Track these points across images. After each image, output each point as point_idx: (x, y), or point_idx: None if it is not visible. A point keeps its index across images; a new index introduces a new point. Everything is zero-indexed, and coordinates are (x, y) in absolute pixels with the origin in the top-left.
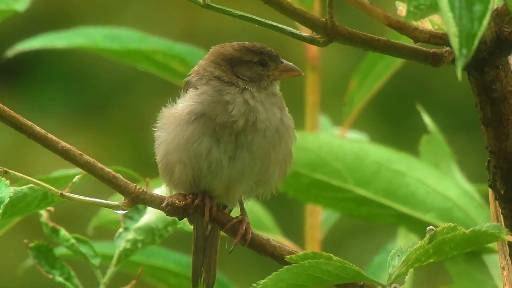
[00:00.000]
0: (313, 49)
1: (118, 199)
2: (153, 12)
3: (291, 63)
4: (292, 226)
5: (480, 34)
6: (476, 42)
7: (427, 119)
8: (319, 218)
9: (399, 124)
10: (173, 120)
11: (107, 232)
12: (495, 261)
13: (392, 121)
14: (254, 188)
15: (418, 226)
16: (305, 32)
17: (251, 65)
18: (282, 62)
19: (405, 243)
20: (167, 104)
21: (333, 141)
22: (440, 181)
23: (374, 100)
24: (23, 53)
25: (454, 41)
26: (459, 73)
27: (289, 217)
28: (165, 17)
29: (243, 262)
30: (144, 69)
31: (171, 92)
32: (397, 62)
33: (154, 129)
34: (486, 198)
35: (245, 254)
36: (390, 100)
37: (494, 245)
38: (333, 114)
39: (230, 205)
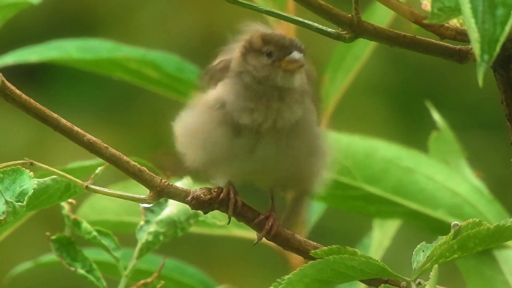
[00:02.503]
0: None
1: (120, 187)
2: (173, 9)
3: (296, 54)
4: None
5: (502, 39)
6: (498, 48)
7: (436, 116)
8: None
9: (411, 120)
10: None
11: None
12: (506, 257)
13: (404, 117)
14: (285, 185)
15: (427, 223)
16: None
17: (258, 55)
18: (290, 53)
19: (380, 236)
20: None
21: (341, 138)
22: (449, 178)
23: (386, 96)
24: None
25: (476, 47)
26: (480, 80)
27: None
28: (185, 14)
29: (266, 259)
30: (118, 77)
31: None
32: (366, 53)
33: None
34: (493, 190)
35: (269, 251)
36: (404, 96)
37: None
38: None
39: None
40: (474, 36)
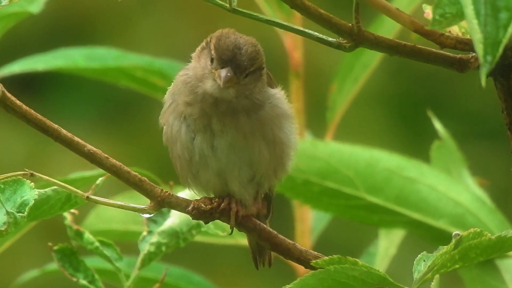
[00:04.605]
0: (296, 56)
1: (127, 196)
2: (173, 19)
3: (224, 72)
4: (282, 233)
5: (505, 41)
6: (500, 49)
7: (438, 125)
8: (308, 225)
9: (413, 130)
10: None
11: None
12: (508, 266)
13: (405, 127)
14: (253, 176)
15: (430, 233)
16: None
17: (209, 56)
18: (222, 68)
19: (386, 244)
20: None
21: (343, 149)
22: (451, 187)
23: (387, 106)
24: None
25: (479, 48)
26: (483, 80)
27: (278, 223)
28: (185, 24)
29: (266, 270)
30: (124, 86)
31: None
32: (374, 62)
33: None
34: (495, 199)
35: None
36: (406, 106)
37: None
38: (319, 120)
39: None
40: (477, 37)
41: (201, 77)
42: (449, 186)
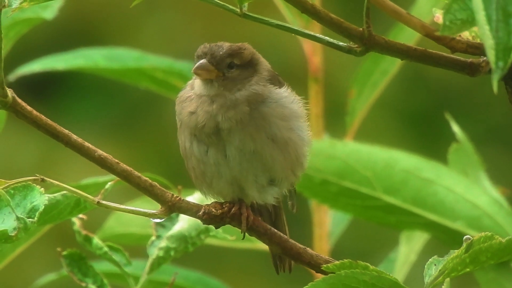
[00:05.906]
0: (315, 61)
1: (142, 201)
2: (179, 21)
3: (199, 62)
4: (300, 238)
5: None
6: None
7: (455, 128)
8: (327, 229)
9: (430, 132)
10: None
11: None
12: None
13: (423, 129)
14: (272, 180)
15: (446, 234)
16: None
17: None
18: (197, 62)
19: (407, 251)
20: None
21: (362, 149)
22: (469, 189)
23: (406, 108)
24: None
25: (491, 54)
26: (495, 86)
27: (296, 228)
28: (191, 26)
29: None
30: (144, 87)
31: None
32: (394, 69)
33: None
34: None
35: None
36: (424, 109)
37: None
38: (338, 125)
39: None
40: (489, 43)
41: (193, 85)
42: (466, 188)
